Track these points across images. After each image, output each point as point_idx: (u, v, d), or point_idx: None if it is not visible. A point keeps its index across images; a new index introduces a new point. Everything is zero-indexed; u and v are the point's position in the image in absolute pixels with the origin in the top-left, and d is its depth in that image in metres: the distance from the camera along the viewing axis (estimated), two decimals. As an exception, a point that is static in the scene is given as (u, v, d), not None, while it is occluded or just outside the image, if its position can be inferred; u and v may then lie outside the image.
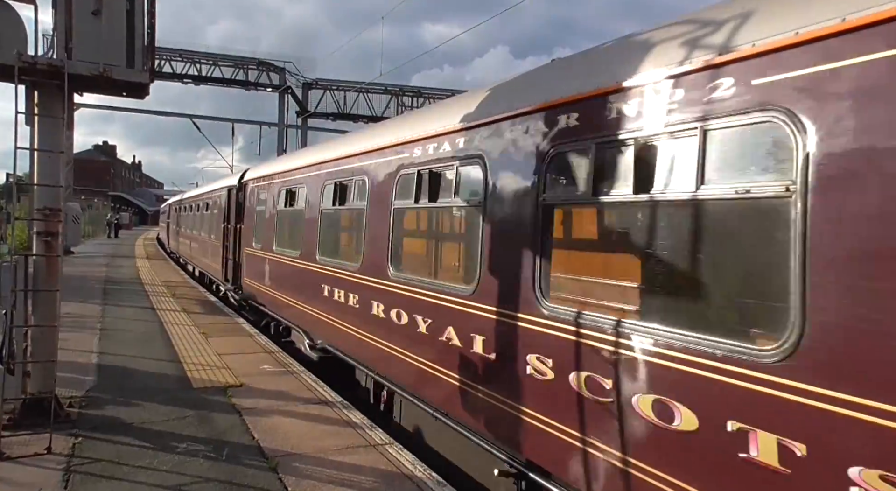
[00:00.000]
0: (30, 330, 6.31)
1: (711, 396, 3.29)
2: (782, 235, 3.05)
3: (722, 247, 3.63)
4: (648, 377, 3.68)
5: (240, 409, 7.12)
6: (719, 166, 3.40)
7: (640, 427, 3.69)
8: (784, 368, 2.96)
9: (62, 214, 6.50)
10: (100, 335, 10.86)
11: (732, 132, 3.34)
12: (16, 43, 6.01)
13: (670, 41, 3.83)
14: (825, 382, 2.80)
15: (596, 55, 4.80)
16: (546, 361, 4.50)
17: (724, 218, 3.54)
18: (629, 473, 3.76)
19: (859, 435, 2.66)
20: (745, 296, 3.58)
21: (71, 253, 27.29)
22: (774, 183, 3.12)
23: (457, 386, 5.54)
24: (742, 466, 3.11)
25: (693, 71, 3.53)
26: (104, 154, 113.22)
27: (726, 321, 3.58)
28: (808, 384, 2.86)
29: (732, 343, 3.23)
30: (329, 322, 8.70)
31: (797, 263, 2.95)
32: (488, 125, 5.30)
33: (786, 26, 3.09)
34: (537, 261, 4.61)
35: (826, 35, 2.90)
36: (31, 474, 5.17)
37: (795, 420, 2.90)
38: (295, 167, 11.00)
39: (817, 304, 2.87)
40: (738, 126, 3.30)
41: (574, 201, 4.61)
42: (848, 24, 2.81)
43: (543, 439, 4.50)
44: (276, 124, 42.67)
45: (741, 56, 3.26)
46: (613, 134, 4.02)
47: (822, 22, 2.92)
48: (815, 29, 2.94)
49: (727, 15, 3.53)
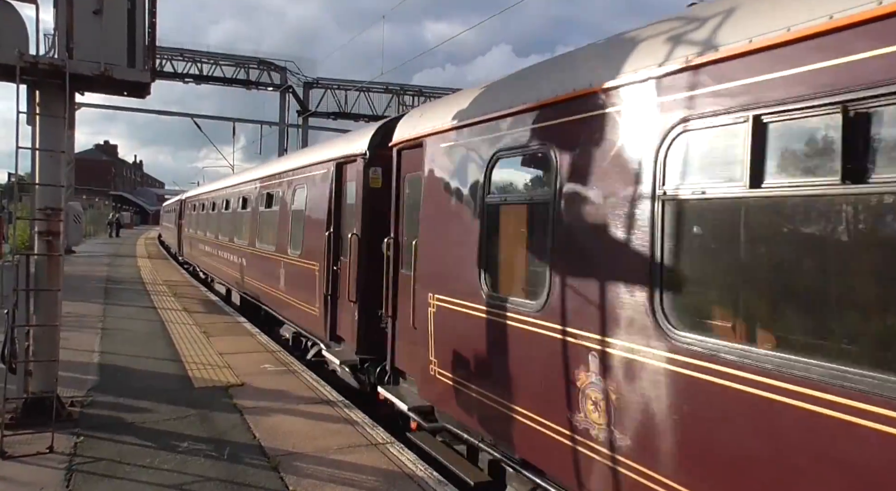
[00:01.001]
0: (31, 329, 6.31)
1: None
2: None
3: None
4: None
5: (241, 408, 7.13)
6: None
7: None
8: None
9: (63, 214, 6.50)
10: (101, 335, 10.87)
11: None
12: (17, 42, 6.02)
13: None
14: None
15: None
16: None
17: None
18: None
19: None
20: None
21: (72, 252, 27.29)
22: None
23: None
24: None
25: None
26: (105, 153, 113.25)
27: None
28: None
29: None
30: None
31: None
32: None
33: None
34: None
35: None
36: (33, 473, 5.18)
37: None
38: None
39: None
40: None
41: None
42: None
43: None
44: (278, 123, 42.70)
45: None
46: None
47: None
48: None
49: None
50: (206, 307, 15.07)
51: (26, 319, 6.27)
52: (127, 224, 68.22)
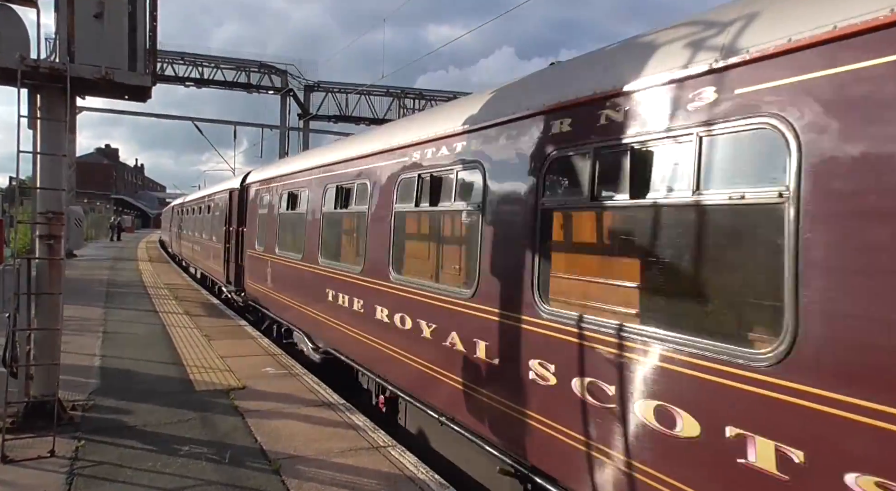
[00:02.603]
0: (33, 333, 6.31)
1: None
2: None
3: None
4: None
5: (242, 411, 7.12)
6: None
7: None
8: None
9: (65, 217, 6.51)
10: (102, 338, 10.86)
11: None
12: (18, 46, 6.03)
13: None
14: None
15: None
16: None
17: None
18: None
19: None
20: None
21: (73, 256, 27.33)
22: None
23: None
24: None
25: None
26: (107, 157, 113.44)
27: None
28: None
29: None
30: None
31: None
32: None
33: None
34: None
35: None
36: (35, 477, 5.17)
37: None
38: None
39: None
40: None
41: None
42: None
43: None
44: (278, 127, 42.73)
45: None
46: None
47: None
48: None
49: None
50: (207, 311, 15.07)
51: (27, 323, 6.27)
52: (128, 228, 68.24)
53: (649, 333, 3.65)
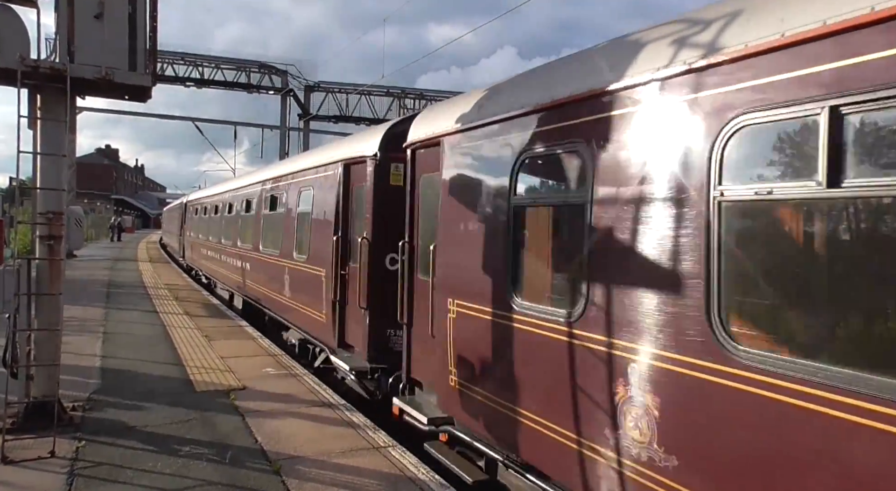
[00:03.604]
0: (33, 334, 6.31)
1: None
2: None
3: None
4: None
5: (243, 412, 7.11)
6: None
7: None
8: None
9: (65, 218, 6.50)
10: (103, 339, 10.86)
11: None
12: (18, 46, 6.02)
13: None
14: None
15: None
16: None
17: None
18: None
19: None
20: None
21: (74, 256, 27.32)
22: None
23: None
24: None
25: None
26: (107, 157, 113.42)
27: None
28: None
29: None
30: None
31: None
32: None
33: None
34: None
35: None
36: (35, 478, 5.17)
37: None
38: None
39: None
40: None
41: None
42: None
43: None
44: (279, 127, 42.72)
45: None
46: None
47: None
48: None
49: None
50: (207, 311, 15.06)
51: (28, 324, 6.26)
52: (128, 228, 68.27)
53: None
